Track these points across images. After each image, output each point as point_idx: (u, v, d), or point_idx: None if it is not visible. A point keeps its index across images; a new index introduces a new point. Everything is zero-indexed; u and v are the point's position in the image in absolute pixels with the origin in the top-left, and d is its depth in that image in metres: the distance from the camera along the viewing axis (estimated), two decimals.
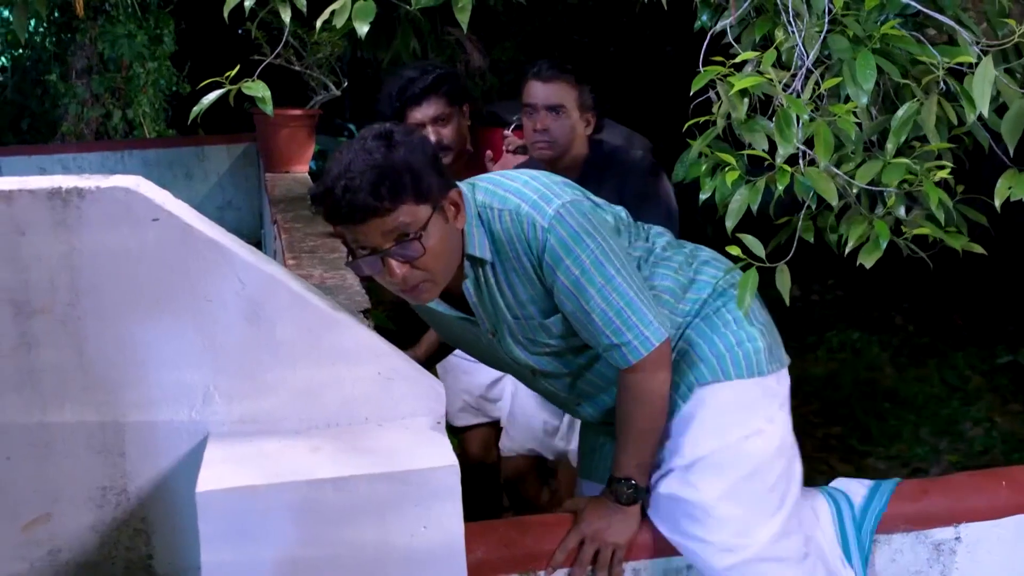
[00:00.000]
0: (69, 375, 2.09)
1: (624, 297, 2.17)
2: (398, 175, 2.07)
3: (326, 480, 1.97)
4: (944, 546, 2.38)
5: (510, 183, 2.23)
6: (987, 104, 2.10)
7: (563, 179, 2.27)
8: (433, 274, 2.17)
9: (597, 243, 2.15)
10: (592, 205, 2.22)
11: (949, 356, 5.39)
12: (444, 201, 2.15)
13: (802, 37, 2.26)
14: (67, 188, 1.99)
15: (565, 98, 3.16)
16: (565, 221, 2.14)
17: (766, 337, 2.35)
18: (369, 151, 2.09)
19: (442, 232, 2.14)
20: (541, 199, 2.16)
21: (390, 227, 2.09)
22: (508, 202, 2.18)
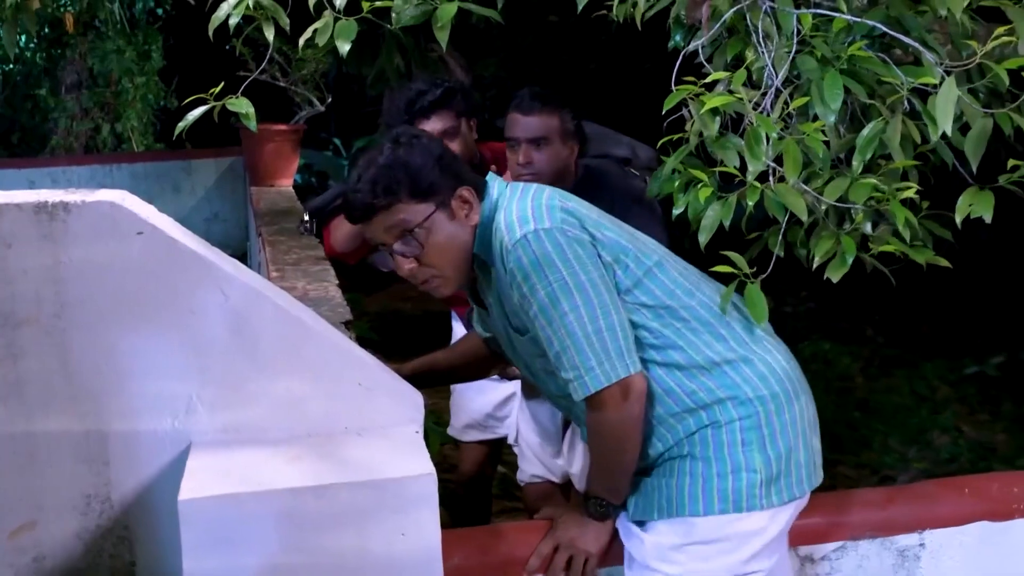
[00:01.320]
0: (54, 385, 2.12)
1: (572, 336, 2.10)
2: (394, 173, 2.17)
3: (307, 488, 2.00)
4: (909, 552, 2.42)
5: (524, 194, 2.23)
6: (950, 123, 2.14)
7: (577, 203, 2.25)
8: (440, 270, 2.25)
9: (558, 275, 2.10)
10: (576, 237, 2.13)
11: (918, 367, 5.46)
12: (451, 198, 2.21)
13: (772, 58, 2.31)
14: (53, 202, 2.02)
15: (547, 129, 3.14)
16: (529, 246, 2.11)
17: (772, 467, 2.18)
18: (377, 153, 2.22)
19: (447, 229, 2.21)
20: (520, 219, 2.15)
21: (391, 223, 2.19)
22: (506, 211, 2.20)
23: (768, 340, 2.30)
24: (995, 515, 2.47)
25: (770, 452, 2.17)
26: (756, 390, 2.19)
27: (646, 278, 2.20)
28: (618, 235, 2.23)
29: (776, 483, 2.17)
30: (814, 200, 2.29)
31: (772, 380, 2.21)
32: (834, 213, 2.36)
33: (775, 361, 2.25)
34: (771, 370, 2.22)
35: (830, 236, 2.30)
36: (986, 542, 2.46)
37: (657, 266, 2.23)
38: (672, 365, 2.19)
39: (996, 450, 4.69)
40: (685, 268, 2.31)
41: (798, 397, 2.25)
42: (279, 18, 2.68)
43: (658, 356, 2.19)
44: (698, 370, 2.19)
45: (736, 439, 2.17)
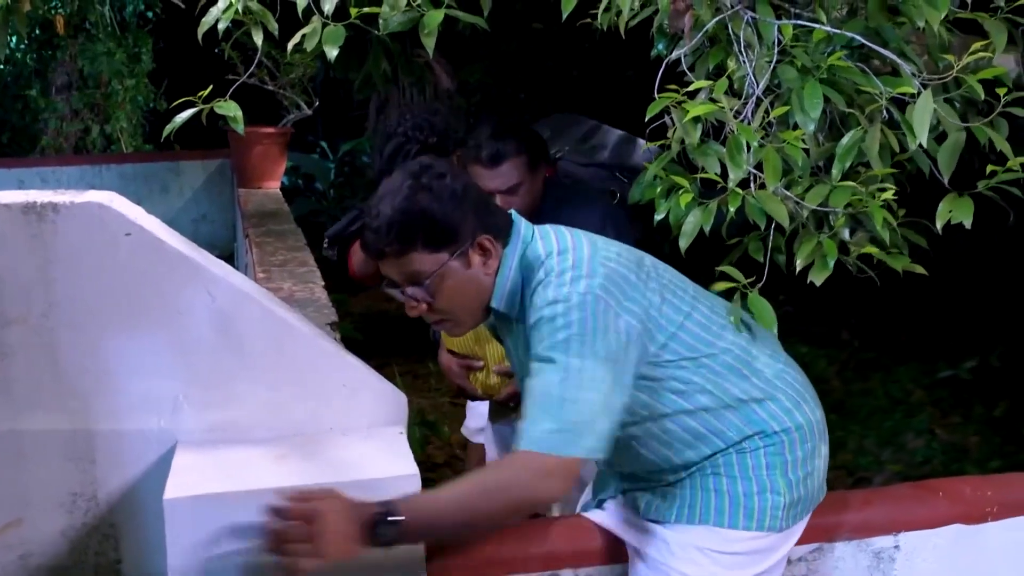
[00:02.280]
0: (42, 384, 2.15)
1: (561, 390, 1.95)
2: (411, 223, 2.05)
3: (292, 488, 2.01)
4: (884, 554, 2.45)
5: (563, 255, 2.09)
6: (926, 134, 2.18)
7: (617, 260, 2.11)
8: (451, 316, 2.17)
9: (581, 331, 1.97)
10: (607, 307, 2.01)
11: (893, 370, 5.50)
12: (469, 247, 2.10)
13: (753, 67, 2.34)
14: (42, 203, 2.05)
15: (519, 174, 3.00)
16: (562, 304, 1.99)
17: (792, 492, 2.19)
18: (397, 191, 2.07)
19: (460, 279, 2.11)
20: (561, 277, 2.03)
21: (402, 269, 2.09)
22: (542, 284, 2.06)
23: (792, 372, 2.28)
24: (968, 518, 2.50)
25: (791, 476, 2.18)
26: (781, 423, 2.18)
27: (677, 334, 2.12)
28: (652, 289, 2.12)
29: (795, 507, 2.19)
30: (795, 206, 2.32)
31: (797, 413, 2.20)
32: (813, 219, 2.39)
33: (799, 396, 2.23)
34: (795, 404, 2.21)
35: (812, 240, 2.33)
36: (960, 544, 2.50)
37: (687, 318, 2.15)
38: (700, 409, 2.15)
39: (968, 452, 4.73)
40: (711, 311, 2.22)
41: (818, 431, 2.25)
42: (267, 23, 2.70)
43: (687, 403, 2.14)
44: (725, 409, 2.16)
45: (761, 463, 2.16)
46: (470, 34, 5.50)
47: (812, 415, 2.24)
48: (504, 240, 2.15)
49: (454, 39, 5.50)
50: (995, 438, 4.85)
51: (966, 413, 5.11)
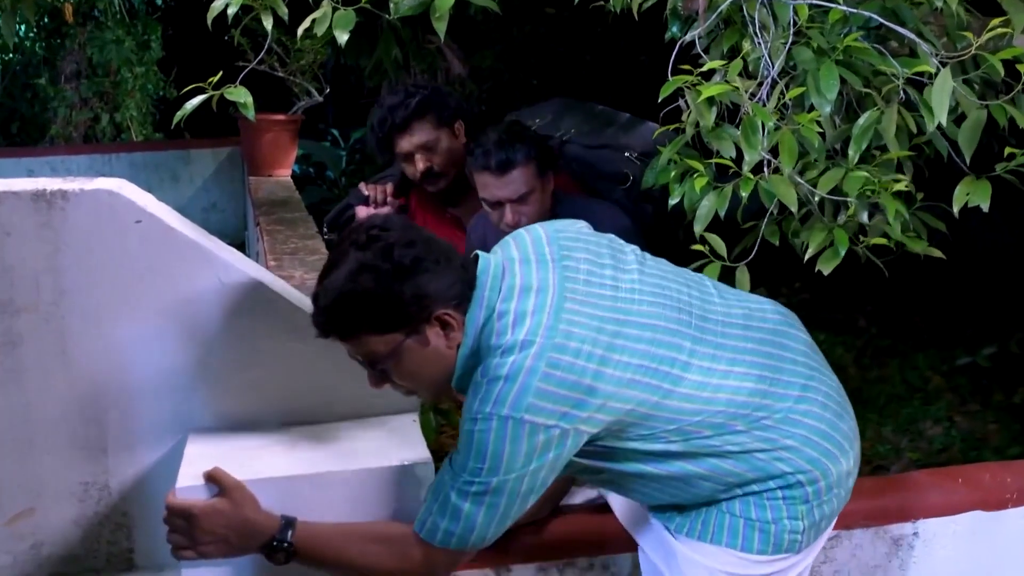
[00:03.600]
0: (52, 372, 2.14)
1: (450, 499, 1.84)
2: (353, 309, 1.86)
3: (303, 476, 2.03)
4: (903, 541, 2.44)
5: (517, 330, 1.84)
6: (945, 114, 2.15)
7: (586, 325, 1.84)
8: (414, 390, 2.01)
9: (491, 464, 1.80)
10: (531, 429, 1.78)
11: (910, 357, 5.46)
12: (425, 324, 1.88)
13: (768, 48, 2.32)
14: (51, 190, 2.04)
15: (528, 181, 2.86)
16: (475, 425, 1.81)
17: (814, 515, 1.98)
18: (344, 266, 1.87)
19: (419, 357, 1.91)
20: (487, 392, 1.80)
21: (354, 350, 1.93)
22: (485, 369, 1.84)
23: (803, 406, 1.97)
24: (987, 504, 2.49)
25: (813, 502, 1.97)
26: (795, 466, 1.94)
27: (651, 412, 1.88)
28: (620, 378, 1.84)
29: (816, 526, 2.00)
30: (808, 191, 2.30)
31: (809, 450, 1.95)
32: (829, 204, 2.37)
33: (811, 430, 1.96)
34: (805, 442, 1.95)
35: (823, 228, 2.31)
36: (978, 531, 2.48)
37: (668, 394, 1.88)
38: (679, 477, 1.95)
39: (987, 440, 4.70)
40: (711, 359, 1.93)
41: (835, 463, 1.98)
42: (277, 8, 2.68)
43: (665, 470, 1.95)
44: (720, 458, 1.93)
45: (777, 496, 1.96)
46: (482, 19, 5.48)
47: (831, 456, 1.98)
48: (467, 303, 1.92)
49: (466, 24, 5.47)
50: (1014, 425, 4.82)
51: (985, 400, 5.07)
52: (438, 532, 1.86)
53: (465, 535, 1.86)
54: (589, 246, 2.00)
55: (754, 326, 2.01)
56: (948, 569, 2.48)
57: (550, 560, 2.33)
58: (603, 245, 2.02)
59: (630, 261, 2.00)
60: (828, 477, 1.96)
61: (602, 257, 1.98)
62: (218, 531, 1.93)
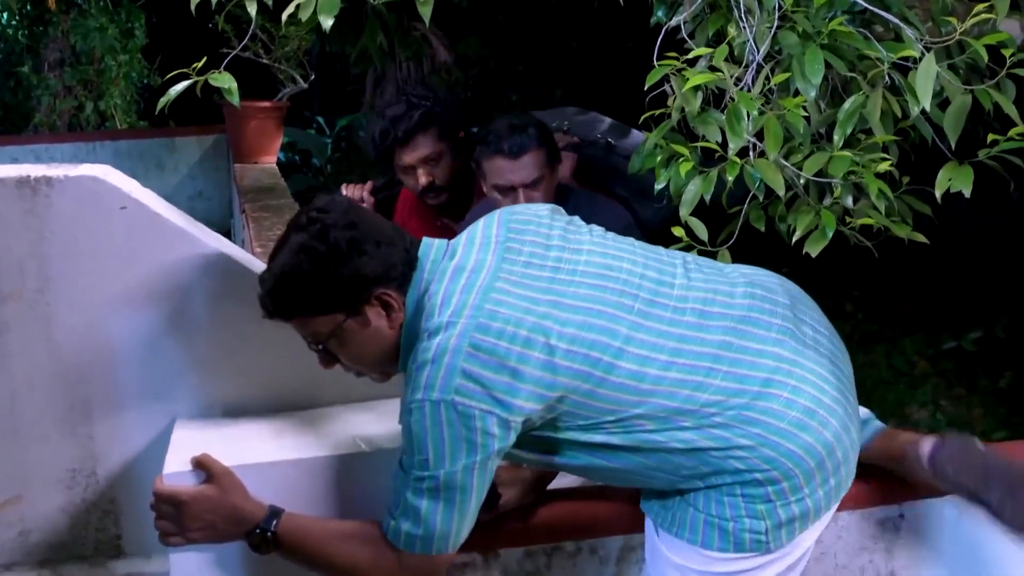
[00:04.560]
0: (38, 360, 2.13)
1: (415, 499, 1.82)
2: (292, 291, 1.88)
3: (291, 462, 2.03)
4: (888, 523, 2.44)
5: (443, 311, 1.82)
6: (929, 99, 2.16)
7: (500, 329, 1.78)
8: (361, 370, 2.00)
9: (424, 455, 1.78)
10: (463, 412, 1.76)
11: (897, 342, 5.50)
12: (365, 305, 1.88)
13: (753, 33, 2.32)
14: (36, 177, 2.03)
15: (540, 166, 2.87)
16: (411, 416, 1.79)
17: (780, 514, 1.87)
18: (286, 248, 1.89)
19: (360, 337, 1.91)
20: (416, 379, 1.78)
21: (297, 330, 1.95)
22: (415, 355, 1.83)
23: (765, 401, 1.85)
24: None
25: (778, 502, 1.87)
26: (751, 464, 1.85)
27: (585, 401, 1.83)
28: (546, 366, 1.79)
29: (789, 525, 1.88)
30: (793, 175, 2.30)
31: (767, 449, 1.84)
32: (814, 188, 2.38)
33: (772, 430, 1.84)
34: (763, 441, 1.84)
35: (810, 211, 2.32)
36: (965, 513, 2.48)
37: (600, 382, 1.82)
38: (624, 470, 1.90)
39: (973, 424, 4.74)
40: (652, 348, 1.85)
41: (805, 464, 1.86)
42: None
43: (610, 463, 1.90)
44: (671, 453, 1.86)
45: (736, 494, 1.87)
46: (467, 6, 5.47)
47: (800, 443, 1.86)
48: (407, 284, 1.92)
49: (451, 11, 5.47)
50: (1000, 409, 4.85)
51: (971, 385, 5.11)
52: (401, 535, 1.85)
53: (428, 537, 1.83)
54: (540, 228, 1.97)
55: (715, 312, 1.90)
56: (934, 552, 2.49)
57: (537, 544, 2.33)
58: (556, 227, 1.98)
59: (583, 241, 1.96)
60: (793, 477, 1.85)
61: (551, 239, 1.95)
62: (206, 517, 1.93)
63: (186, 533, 1.94)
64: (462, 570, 2.29)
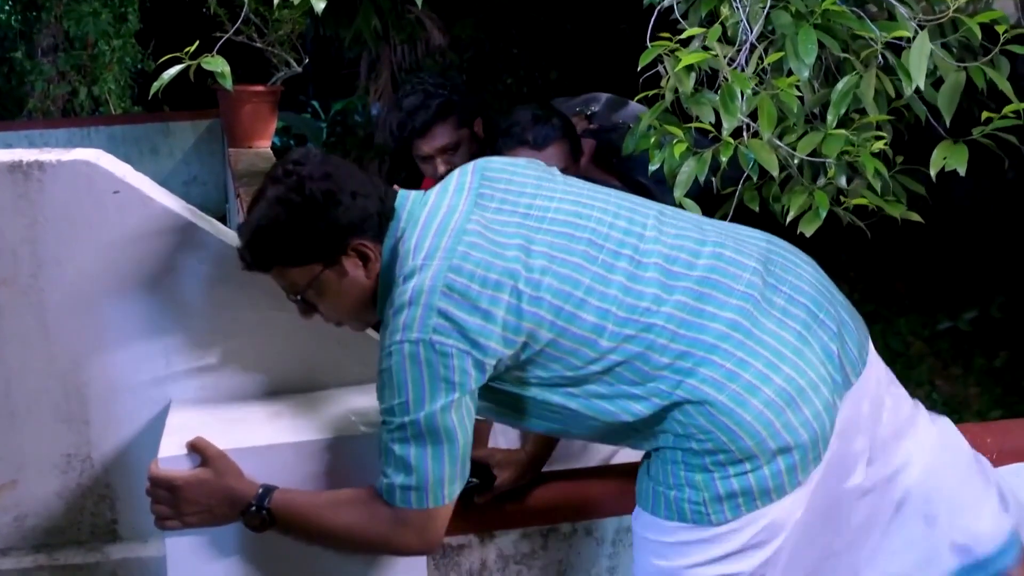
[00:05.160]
0: (33, 345, 2.13)
1: (402, 448, 1.82)
2: (268, 242, 1.89)
3: (287, 445, 2.02)
4: None
5: (416, 255, 1.84)
6: (923, 77, 2.16)
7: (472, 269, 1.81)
8: (341, 321, 2.02)
9: (404, 397, 1.79)
10: (441, 351, 1.77)
11: (892, 322, 5.51)
12: (342, 255, 1.90)
13: (746, 13, 2.32)
14: (28, 161, 2.03)
15: (563, 158, 2.82)
16: (390, 359, 1.80)
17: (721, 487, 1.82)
18: (263, 200, 1.91)
19: (337, 287, 1.93)
20: (394, 322, 1.80)
21: (276, 281, 1.96)
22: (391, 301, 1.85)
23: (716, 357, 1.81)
24: None
25: (717, 474, 1.83)
26: (687, 430, 1.83)
27: (547, 350, 1.84)
28: (509, 304, 1.81)
29: (733, 500, 1.84)
30: (787, 155, 2.30)
31: (702, 419, 1.81)
32: (808, 168, 2.38)
33: (710, 401, 1.80)
34: (699, 409, 1.81)
35: (803, 191, 2.32)
36: None
37: (562, 332, 1.82)
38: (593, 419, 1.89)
39: (969, 403, 4.76)
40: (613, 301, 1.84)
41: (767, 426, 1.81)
42: None
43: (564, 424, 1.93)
44: (622, 425, 1.87)
45: (678, 458, 1.85)
46: None
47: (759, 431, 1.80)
48: (384, 234, 1.93)
49: None
50: (996, 389, 4.86)
51: (967, 364, 5.12)
52: (395, 491, 1.84)
53: (421, 487, 1.83)
54: (515, 176, 1.98)
55: (676, 272, 1.86)
56: None
57: (533, 525, 2.33)
58: (530, 175, 2.00)
59: (556, 190, 1.96)
60: (728, 451, 1.80)
61: (525, 187, 1.96)
62: (201, 501, 1.93)
63: (182, 517, 1.94)
64: (458, 552, 2.30)
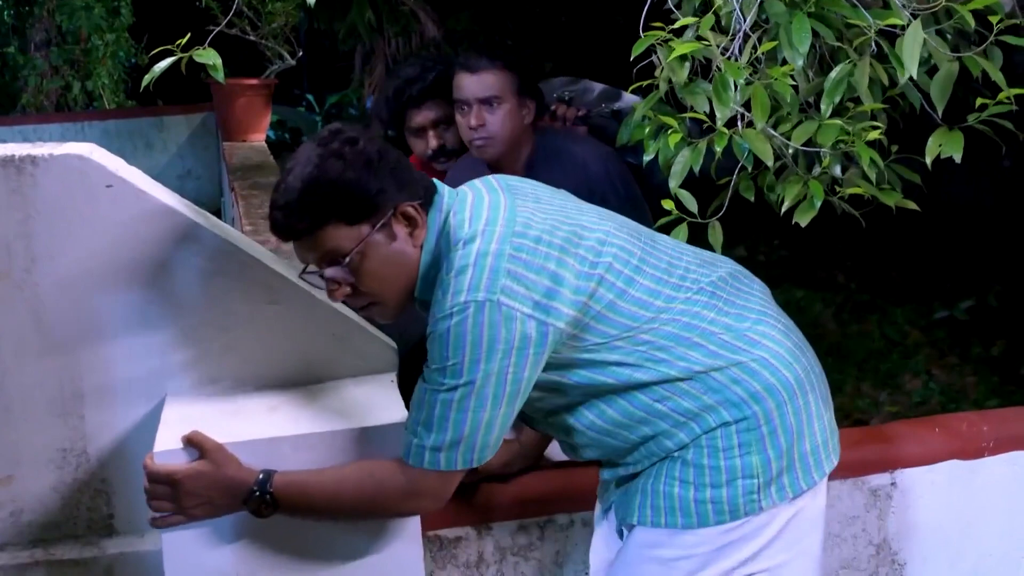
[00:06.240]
0: (27, 340, 2.12)
1: (443, 410, 1.81)
2: (322, 194, 1.84)
3: (283, 438, 2.02)
4: (881, 491, 2.46)
5: (473, 227, 1.87)
6: (916, 66, 2.15)
7: (535, 238, 1.85)
8: (378, 297, 1.94)
9: (465, 355, 1.78)
10: (507, 314, 1.78)
11: (889, 312, 5.52)
12: (392, 217, 1.88)
13: (740, 2, 2.31)
14: (20, 156, 2.02)
15: (500, 87, 2.85)
16: (450, 319, 1.78)
17: (771, 468, 1.91)
18: (305, 161, 1.87)
19: (385, 254, 1.89)
20: (456, 283, 1.80)
21: (318, 249, 1.89)
22: (448, 261, 1.85)
23: (762, 328, 1.97)
24: (965, 454, 2.51)
25: (770, 452, 1.90)
26: (749, 389, 1.90)
27: (605, 314, 1.89)
28: (581, 273, 1.86)
29: (778, 481, 1.91)
30: (782, 145, 2.29)
31: (767, 374, 1.92)
32: (803, 157, 2.37)
33: (771, 353, 1.93)
34: (765, 364, 1.92)
35: (798, 180, 2.31)
36: (956, 480, 2.50)
37: (620, 296, 1.89)
38: (637, 387, 1.92)
39: (966, 392, 4.76)
40: (664, 272, 1.96)
41: (803, 387, 1.96)
42: None
43: (619, 381, 1.92)
44: (673, 383, 1.90)
45: (732, 443, 1.90)
46: None
47: (794, 370, 1.95)
48: (428, 208, 1.94)
49: None
50: (993, 378, 4.87)
51: (963, 353, 5.13)
52: (424, 452, 1.83)
53: (453, 448, 1.82)
54: (537, 187, 2.04)
55: (707, 261, 2.05)
56: (926, 519, 2.51)
57: (530, 517, 2.34)
58: (556, 194, 2.04)
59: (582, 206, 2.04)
60: (776, 393, 1.92)
61: (554, 197, 2.02)
62: (202, 493, 1.92)
63: (185, 511, 1.93)
64: (455, 544, 2.31)
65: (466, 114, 2.87)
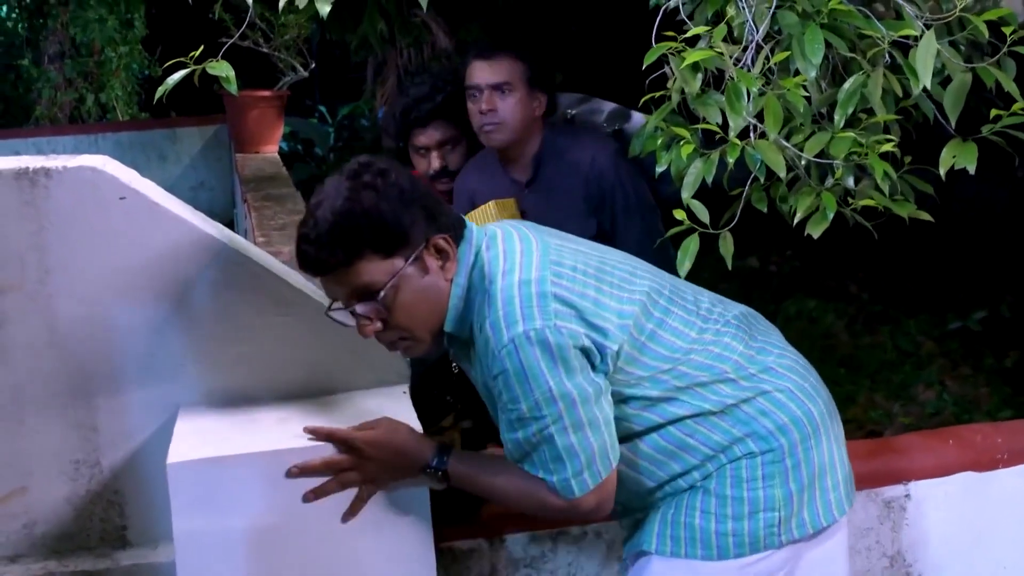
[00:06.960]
0: (41, 351, 2.13)
1: (549, 444, 1.83)
2: (356, 226, 1.82)
3: (294, 450, 2.01)
4: (894, 503, 2.45)
5: (510, 262, 1.89)
6: (929, 77, 2.14)
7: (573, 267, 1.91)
8: (410, 332, 1.92)
9: (544, 386, 1.80)
10: (569, 333, 1.82)
11: (902, 323, 5.49)
12: (424, 250, 1.87)
13: (752, 13, 2.30)
14: (34, 168, 2.03)
15: (511, 75, 2.89)
16: (516, 354, 1.80)
17: (793, 503, 1.93)
18: (336, 194, 1.85)
19: (417, 287, 1.88)
20: (507, 315, 1.82)
21: (350, 284, 1.86)
22: (490, 296, 1.86)
23: (785, 362, 2.02)
24: (979, 465, 2.50)
25: (792, 486, 1.92)
26: (777, 421, 1.93)
27: (647, 345, 1.92)
28: (620, 299, 1.92)
29: (799, 516, 1.92)
30: (795, 156, 2.29)
31: (793, 406, 1.95)
32: (816, 169, 2.36)
33: (796, 386, 1.98)
34: (791, 396, 1.96)
35: (810, 192, 2.30)
36: (970, 492, 2.49)
37: (655, 330, 1.94)
38: (670, 422, 1.93)
39: (979, 404, 4.74)
40: (688, 311, 2.01)
41: (824, 422, 1.99)
42: None
43: (657, 416, 1.93)
44: (703, 417, 1.92)
45: (757, 474, 1.91)
46: None
47: (817, 405, 1.99)
48: (459, 238, 1.94)
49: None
50: (1006, 389, 4.85)
51: (976, 364, 5.11)
52: (571, 483, 1.86)
53: (591, 467, 1.86)
54: (559, 233, 2.07)
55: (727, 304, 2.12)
56: (939, 530, 2.49)
57: (542, 528, 2.33)
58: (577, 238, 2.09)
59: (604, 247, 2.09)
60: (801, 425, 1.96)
61: (576, 238, 2.07)
62: (385, 460, 1.99)
63: (372, 479, 2.00)
64: (468, 556, 2.30)
65: (477, 100, 2.91)
